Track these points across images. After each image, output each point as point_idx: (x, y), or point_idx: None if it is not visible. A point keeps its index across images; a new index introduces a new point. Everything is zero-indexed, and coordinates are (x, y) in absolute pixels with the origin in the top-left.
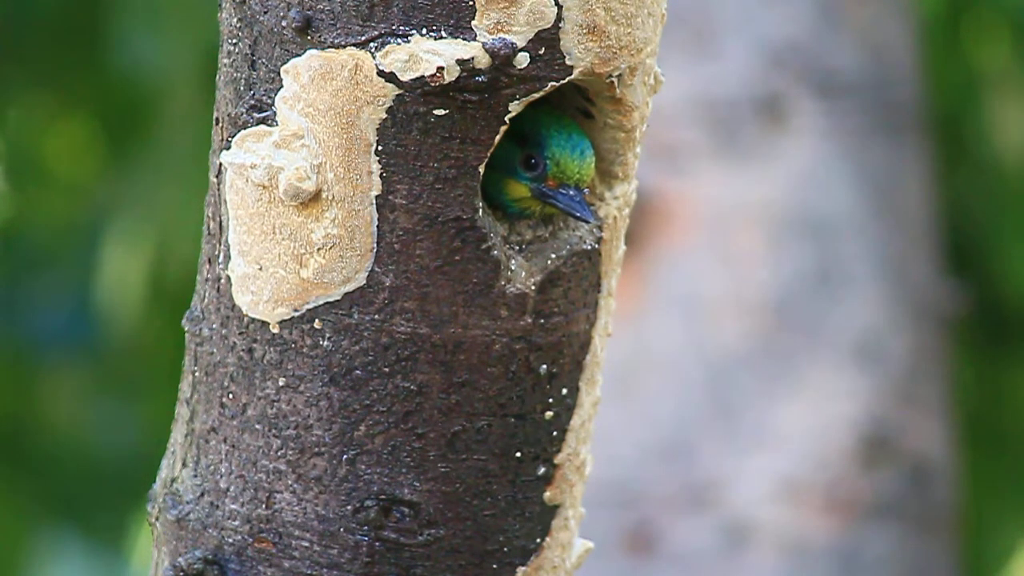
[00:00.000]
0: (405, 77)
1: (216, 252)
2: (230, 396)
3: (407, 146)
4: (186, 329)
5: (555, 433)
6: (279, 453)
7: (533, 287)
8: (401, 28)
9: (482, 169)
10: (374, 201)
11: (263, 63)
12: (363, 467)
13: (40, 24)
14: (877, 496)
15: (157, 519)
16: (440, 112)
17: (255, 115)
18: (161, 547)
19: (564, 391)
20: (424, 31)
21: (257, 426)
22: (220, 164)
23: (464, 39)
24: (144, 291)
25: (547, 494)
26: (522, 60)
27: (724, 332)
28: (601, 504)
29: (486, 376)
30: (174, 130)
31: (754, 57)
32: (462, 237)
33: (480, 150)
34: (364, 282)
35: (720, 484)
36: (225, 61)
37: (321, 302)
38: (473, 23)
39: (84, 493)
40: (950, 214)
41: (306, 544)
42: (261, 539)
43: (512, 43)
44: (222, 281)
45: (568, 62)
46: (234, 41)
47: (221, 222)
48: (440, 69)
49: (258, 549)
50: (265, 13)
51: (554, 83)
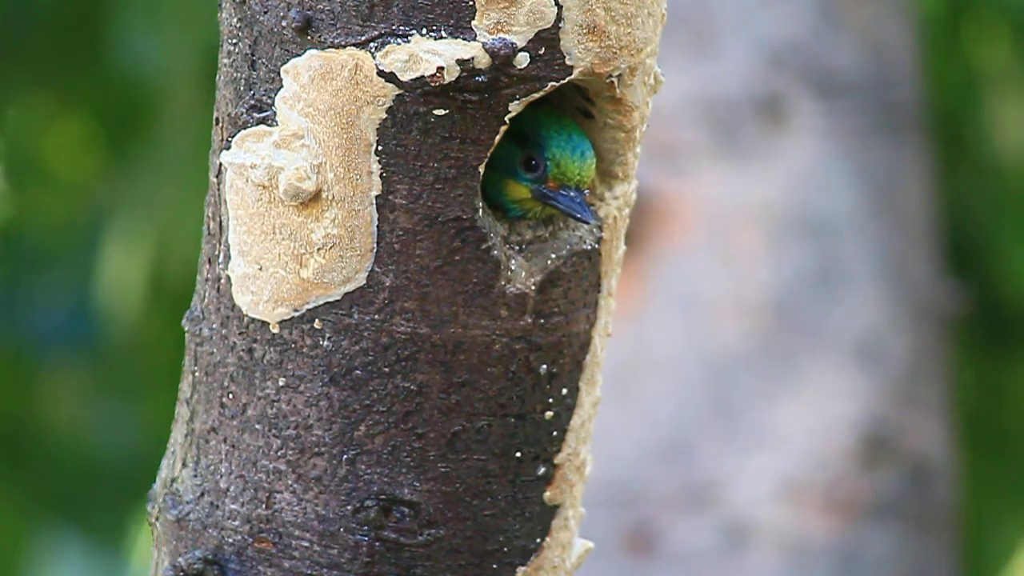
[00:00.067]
0: (405, 77)
1: (216, 252)
2: (230, 396)
3: (407, 146)
4: (186, 329)
5: (555, 433)
6: (279, 453)
7: (533, 287)
8: (401, 28)
9: (482, 169)
10: (374, 201)
11: (263, 63)
12: (363, 467)
13: (40, 24)
14: (877, 496)
15: (157, 519)
16: (440, 112)
17: (255, 115)
18: (161, 547)
19: (564, 391)
20: (424, 31)
21: (257, 426)
22: (220, 164)
23: (464, 39)
24: (144, 291)
25: (547, 494)
26: (522, 60)
27: (724, 332)
28: (601, 504)
29: (486, 376)
30: (174, 130)
31: (754, 57)
32: (462, 237)
33: (480, 150)
34: (364, 282)
35: (720, 484)
36: (225, 61)
37: (321, 302)
38: (473, 23)
39: (84, 493)
40: (950, 214)
41: (306, 544)
42: (261, 539)
43: (512, 43)
44: (222, 281)
45: (568, 62)
46: (234, 41)
47: (221, 222)
48: (440, 69)
49: (258, 549)
50: (265, 13)
51: (554, 83)
